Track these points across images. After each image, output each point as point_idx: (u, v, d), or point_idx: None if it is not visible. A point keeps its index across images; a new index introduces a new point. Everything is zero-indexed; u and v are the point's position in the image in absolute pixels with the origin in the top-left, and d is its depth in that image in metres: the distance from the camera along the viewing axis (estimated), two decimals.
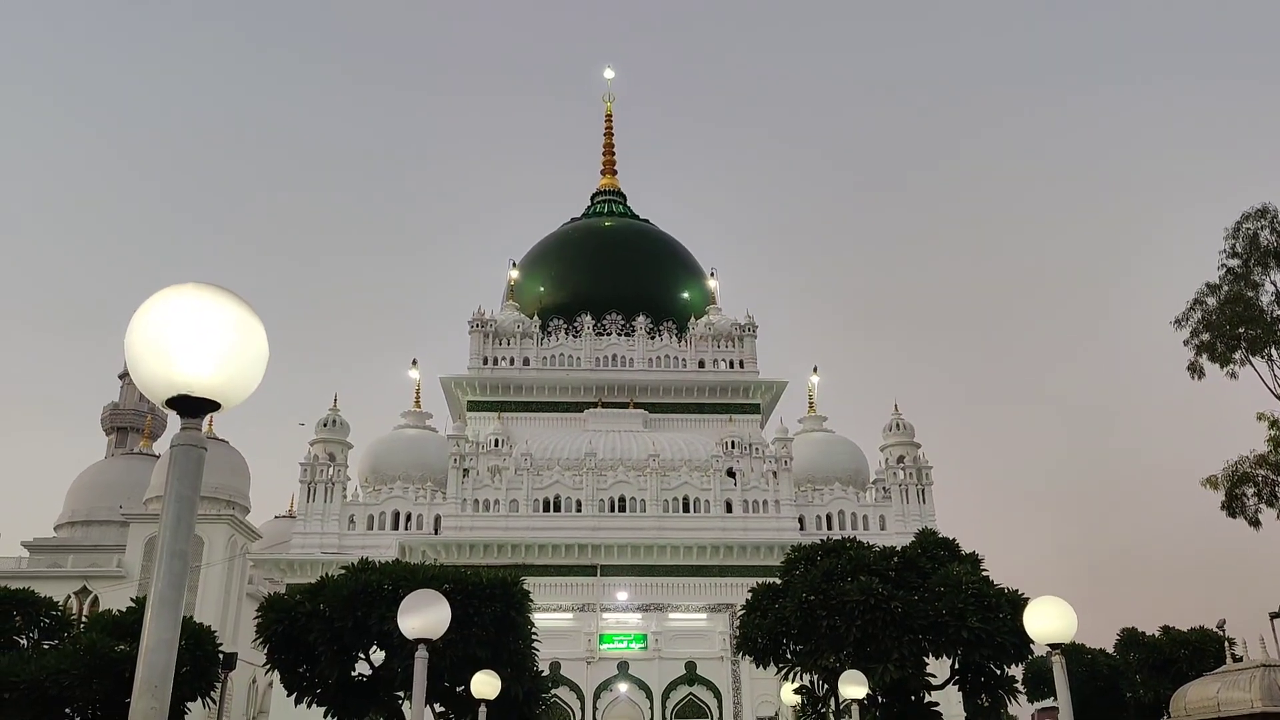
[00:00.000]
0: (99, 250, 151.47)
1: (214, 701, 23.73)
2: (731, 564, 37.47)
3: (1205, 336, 25.91)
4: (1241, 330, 25.41)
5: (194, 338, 3.58)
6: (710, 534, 38.20)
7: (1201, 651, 29.79)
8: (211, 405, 3.77)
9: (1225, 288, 25.83)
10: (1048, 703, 54.12)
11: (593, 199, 57.69)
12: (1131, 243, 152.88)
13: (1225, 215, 25.98)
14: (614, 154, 59.17)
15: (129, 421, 68.86)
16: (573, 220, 56.02)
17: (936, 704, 23.51)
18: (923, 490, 40.82)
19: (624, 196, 57.68)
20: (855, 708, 18.73)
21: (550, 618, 33.77)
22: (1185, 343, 26.27)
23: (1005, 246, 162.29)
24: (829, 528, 38.23)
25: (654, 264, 51.63)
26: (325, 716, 23.56)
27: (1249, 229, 24.88)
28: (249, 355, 3.72)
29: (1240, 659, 20.21)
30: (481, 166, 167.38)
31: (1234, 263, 25.25)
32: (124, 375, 69.42)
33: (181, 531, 3.78)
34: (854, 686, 18.41)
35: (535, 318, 47.36)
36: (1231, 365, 25.62)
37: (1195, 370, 26.07)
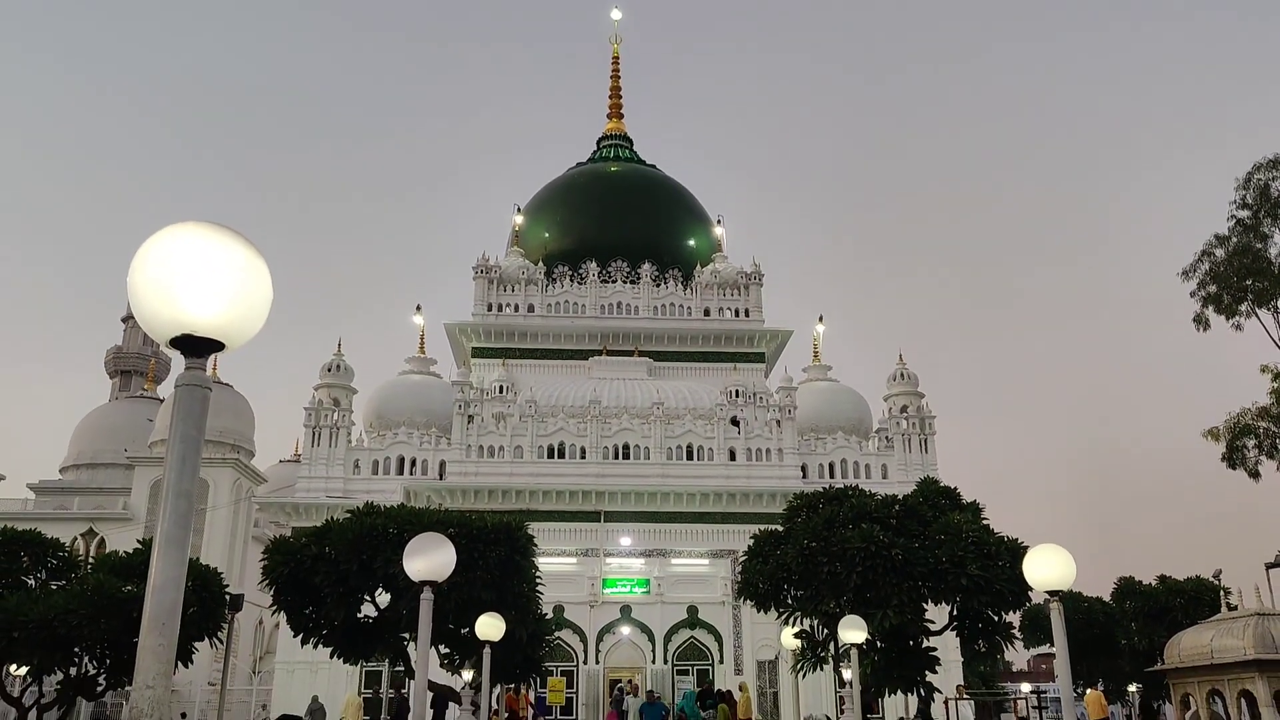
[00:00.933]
0: (102, 194, 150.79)
1: (221, 641, 24.06)
2: (734, 511, 37.72)
3: (1212, 288, 25.78)
4: (1249, 282, 25.27)
5: (198, 276, 3.55)
6: (713, 482, 38.41)
7: (1197, 601, 30.04)
8: (215, 345, 3.76)
9: (1234, 239, 25.63)
10: (1044, 649, 54.82)
11: (599, 143, 57.11)
12: (1141, 194, 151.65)
13: (1237, 166, 25.65)
14: (620, 98, 58.46)
15: (132, 365, 69.07)
16: (578, 165, 55.48)
17: (934, 649, 23.84)
18: (925, 440, 40.94)
19: (630, 141, 57.12)
20: (854, 652, 18.98)
21: (554, 562, 34.14)
22: (1192, 295, 26.15)
23: (1013, 198, 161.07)
24: (831, 476, 38.43)
25: (660, 210, 51.25)
26: (331, 657, 23.94)
27: (1260, 180, 24.61)
28: (253, 295, 3.70)
29: (1235, 608, 20.32)
30: (486, 110, 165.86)
31: (1244, 214, 25.02)
32: (127, 318, 69.49)
33: (187, 471, 3.80)
34: (853, 631, 18.63)
35: (540, 264, 47.16)
36: (1237, 317, 25.52)
37: (1201, 322, 25.98)
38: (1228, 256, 25.49)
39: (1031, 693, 37.98)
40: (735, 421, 39.96)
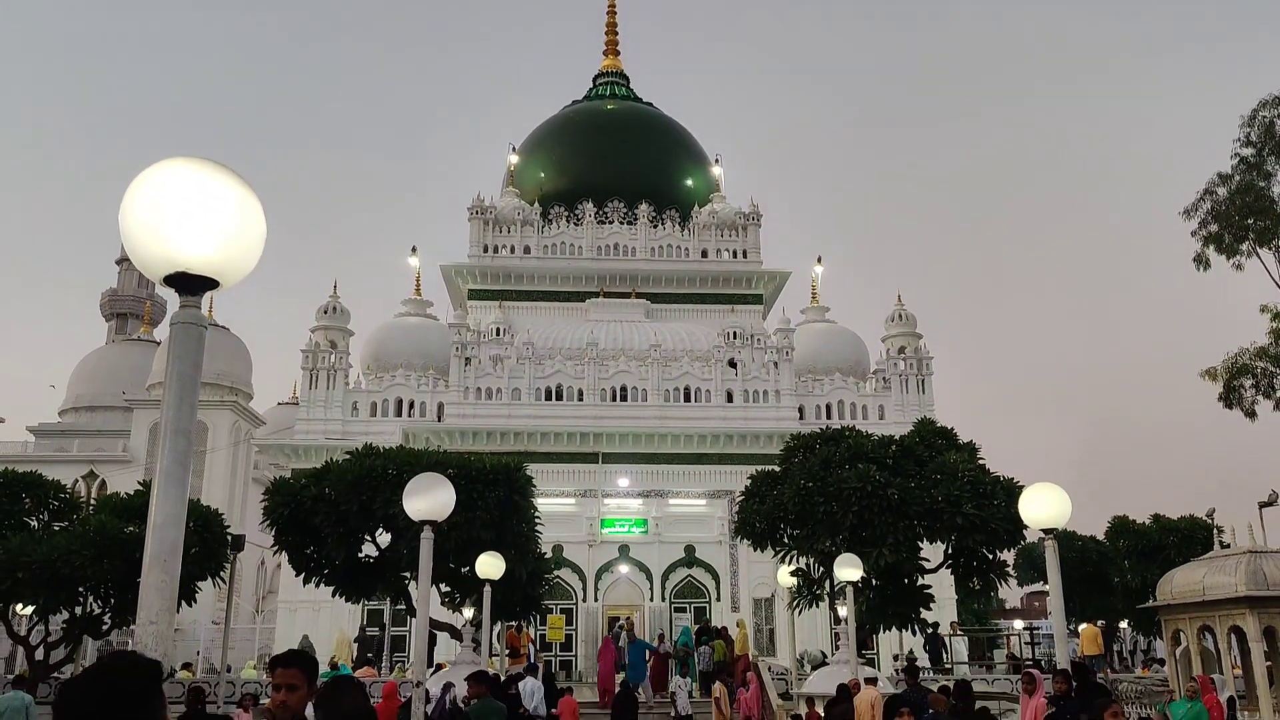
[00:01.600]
0: (95, 135, 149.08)
1: (224, 581, 24.31)
2: (731, 452, 37.91)
3: (1213, 228, 25.54)
4: (1250, 221, 25.06)
5: (190, 213, 3.51)
6: (711, 423, 38.55)
7: (1190, 539, 30.37)
8: (210, 283, 3.75)
9: (1237, 177, 25.35)
10: (1037, 586, 55.51)
11: (594, 81, 56.25)
12: (1144, 133, 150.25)
13: (1243, 104, 25.29)
14: (617, 34, 57.48)
15: (128, 307, 68.89)
16: (574, 103, 54.66)
17: (929, 586, 24.15)
18: (923, 381, 41.01)
19: (627, 79, 56.28)
20: (849, 589, 19.18)
21: (553, 503, 34.36)
22: (1193, 234, 25.91)
23: (1015, 138, 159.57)
24: (828, 417, 38.54)
25: (657, 149, 50.61)
26: (333, 596, 24.22)
27: (1265, 117, 24.25)
28: (247, 232, 3.67)
29: (1228, 546, 20.52)
30: (481, 47, 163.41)
31: (1248, 152, 24.70)
32: (121, 260, 69.15)
33: (184, 409, 3.80)
34: (849, 569, 18.81)
35: (536, 205, 46.74)
36: (1238, 257, 25.35)
37: (1201, 262, 25.79)
38: (1230, 195, 25.23)
39: (1024, 629, 38.58)
40: (733, 363, 39.99)
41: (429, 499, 10.77)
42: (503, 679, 14.49)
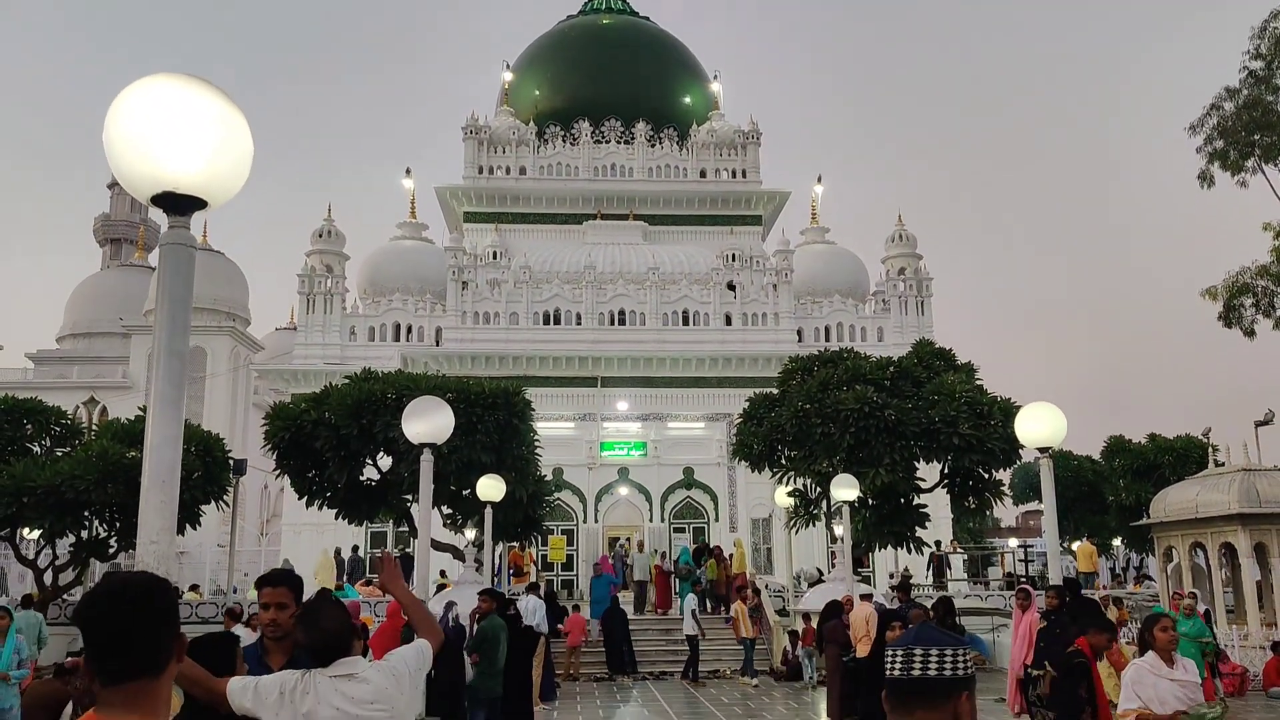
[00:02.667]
0: (86, 57, 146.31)
1: (228, 505, 24.56)
2: (730, 375, 38.01)
3: (1219, 144, 25.20)
4: (1256, 137, 24.71)
5: (175, 131, 3.45)
6: (709, 346, 38.58)
7: (1185, 458, 30.57)
8: (198, 203, 3.74)
9: (1245, 92, 24.93)
10: (1033, 505, 56.18)
11: None
12: (1151, 48, 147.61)
13: (1253, 15, 24.65)
14: None
15: (122, 233, 68.42)
16: (569, 18, 53.30)
17: (925, 506, 24.42)
18: (922, 302, 40.94)
19: None
20: (846, 509, 19.38)
21: (552, 427, 34.57)
22: (1198, 150, 25.56)
23: (1016, 54, 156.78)
24: (827, 340, 38.57)
25: (654, 65, 49.56)
26: (336, 519, 24.50)
27: (1276, 29, 23.71)
28: (234, 150, 3.63)
29: (1222, 464, 20.73)
30: None
31: (1257, 65, 24.20)
32: (113, 185, 68.42)
33: (177, 331, 3.79)
34: (845, 489, 18.97)
35: (531, 124, 45.98)
36: (1243, 174, 25.06)
37: (1205, 179, 25.49)
38: (1237, 110, 24.83)
39: (1019, 547, 39.14)
40: (731, 286, 39.86)
41: (428, 422, 10.79)
42: (506, 600, 14.69)
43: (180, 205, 3.66)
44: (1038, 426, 11.41)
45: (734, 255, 41.61)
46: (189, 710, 3.65)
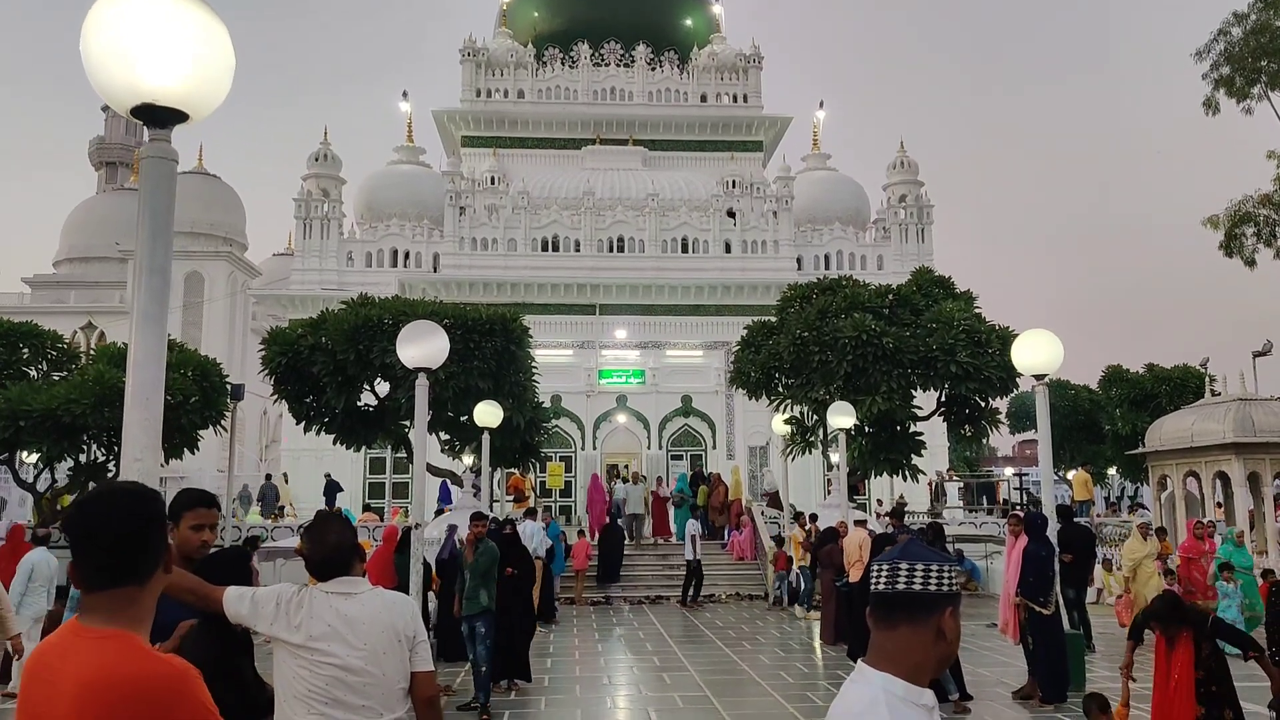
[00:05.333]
0: None
1: (225, 430, 24.67)
2: (729, 304, 37.89)
3: (1225, 70, 24.83)
4: (1264, 63, 24.33)
5: (153, 40, 3.38)
6: (709, 274, 38.39)
7: (1182, 388, 30.62)
8: (179, 116, 3.72)
9: (1253, 17, 24.50)
10: (1029, 435, 56.48)
11: None
12: None
13: None
14: None
15: (117, 156, 67.70)
16: None
17: (921, 434, 24.53)
18: (923, 230, 40.65)
19: None
20: (842, 436, 19.46)
21: (551, 354, 34.57)
22: (1204, 76, 25.20)
23: None
24: (827, 268, 38.36)
25: None
26: (334, 444, 24.63)
27: None
28: (216, 62, 3.56)
29: (1219, 395, 20.76)
30: None
31: None
32: (107, 107, 67.50)
33: (160, 247, 3.76)
34: (842, 417, 19.04)
35: (529, 46, 45.08)
36: (1248, 101, 24.72)
37: (1210, 106, 25.15)
38: (1245, 36, 24.42)
39: (1015, 475, 39.46)
40: (731, 214, 39.52)
41: (423, 346, 10.75)
42: (502, 521, 14.81)
43: (160, 118, 3.62)
44: (1034, 353, 11.40)
45: (734, 182, 41.18)
46: (204, 628, 3.64)
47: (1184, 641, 6.66)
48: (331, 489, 30.09)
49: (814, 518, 21.17)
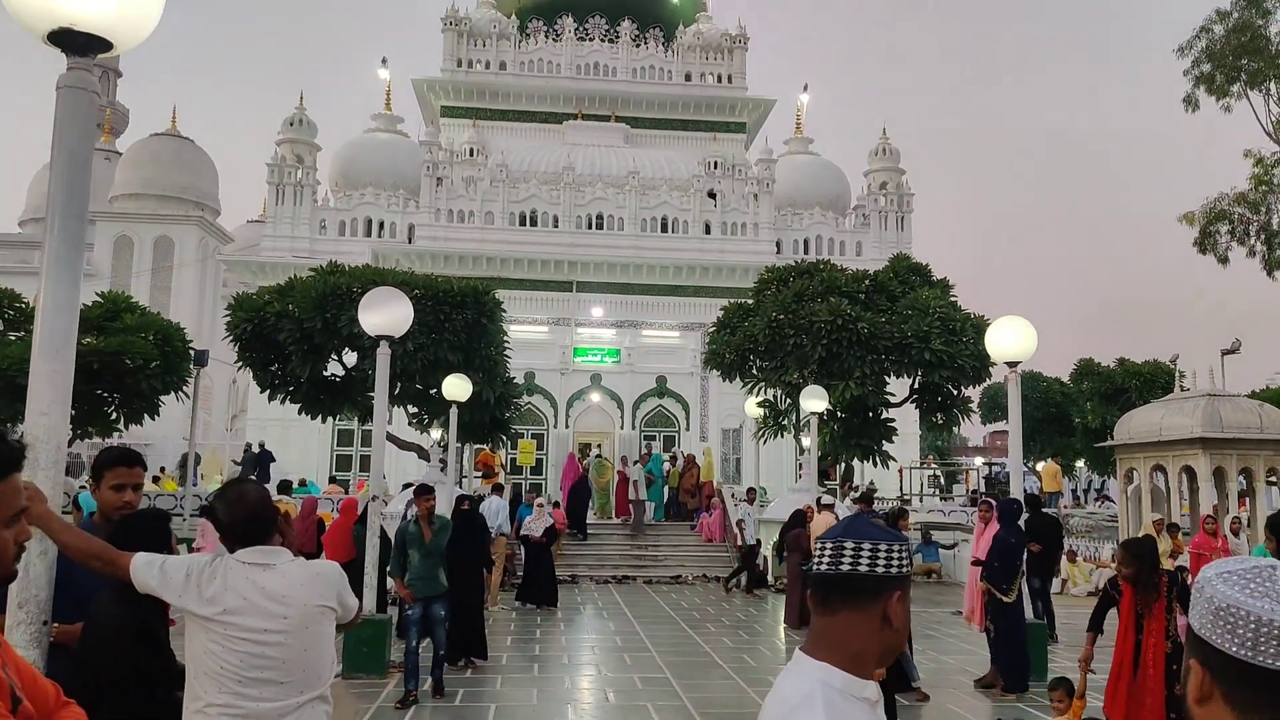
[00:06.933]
0: None
1: (188, 396, 24.23)
2: (707, 285, 37.68)
3: (1206, 67, 24.83)
4: (1244, 62, 24.34)
5: None
6: (687, 255, 38.15)
7: (1152, 382, 30.81)
8: (101, 44, 3.48)
9: (1235, 15, 24.49)
10: (1000, 425, 56.78)
11: None
12: None
13: None
14: None
15: None
16: None
17: (893, 420, 24.47)
18: (902, 218, 40.58)
19: None
20: (814, 420, 19.33)
21: (525, 330, 34.28)
22: (1185, 73, 25.19)
23: None
24: (806, 252, 38.21)
25: None
26: (299, 414, 24.25)
27: None
28: None
29: (1188, 390, 20.79)
30: None
31: None
32: None
33: (76, 186, 3.56)
34: (814, 401, 18.91)
35: (513, 17, 44.50)
36: (1228, 99, 24.73)
37: (1190, 103, 25.17)
38: (1226, 34, 24.43)
39: (984, 464, 39.61)
40: (712, 194, 39.27)
41: (385, 313, 10.50)
42: (470, 496, 14.53)
43: (79, 44, 3.43)
44: (1007, 340, 11.29)
45: (716, 162, 40.90)
46: (120, 591, 3.38)
47: (1157, 612, 6.50)
48: (262, 460, 28.84)
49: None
